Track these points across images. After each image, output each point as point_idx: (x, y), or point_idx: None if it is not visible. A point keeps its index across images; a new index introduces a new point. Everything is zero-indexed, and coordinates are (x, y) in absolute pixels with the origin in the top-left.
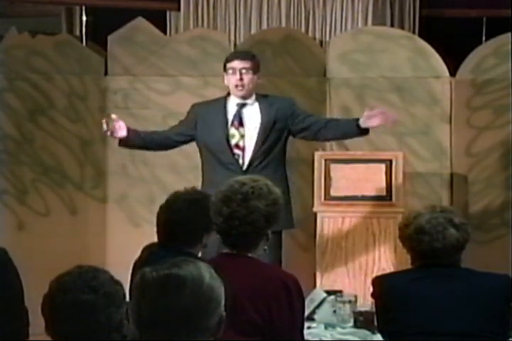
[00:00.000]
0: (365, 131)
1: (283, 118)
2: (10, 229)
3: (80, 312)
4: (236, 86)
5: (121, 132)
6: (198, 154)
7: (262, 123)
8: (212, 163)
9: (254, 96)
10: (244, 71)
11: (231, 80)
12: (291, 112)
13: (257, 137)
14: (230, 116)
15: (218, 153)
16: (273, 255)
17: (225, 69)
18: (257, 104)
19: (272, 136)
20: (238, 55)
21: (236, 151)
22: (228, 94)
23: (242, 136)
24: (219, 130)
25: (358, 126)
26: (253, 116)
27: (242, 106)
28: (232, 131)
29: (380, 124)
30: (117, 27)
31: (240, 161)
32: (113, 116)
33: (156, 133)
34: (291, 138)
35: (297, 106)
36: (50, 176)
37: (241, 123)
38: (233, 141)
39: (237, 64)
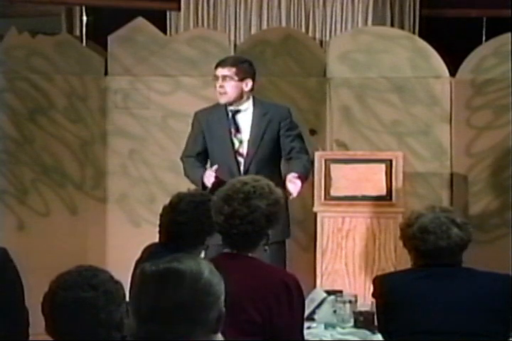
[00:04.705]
0: None
1: (274, 129)
2: (10, 229)
3: (80, 310)
4: (219, 93)
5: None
6: None
7: (251, 135)
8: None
9: (248, 102)
10: (226, 78)
11: (216, 87)
12: (283, 125)
13: (248, 146)
14: (231, 123)
15: (223, 163)
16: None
17: None
18: (250, 111)
19: (264, 146)
20: (220, 61)
21: (239, 159)
22: None
23: (241, 142)
24: (224, 138)
25: None
26: (247, 123)
27: (235, 112)
28: (232, 137)
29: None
30: (117, 27)
31: (241, 168)
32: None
33: (198, 165)
34: None
35: (290, 120)
36: (50, 176)
37: (238, 130)
38: (235, 147)
39: (218, 71)
